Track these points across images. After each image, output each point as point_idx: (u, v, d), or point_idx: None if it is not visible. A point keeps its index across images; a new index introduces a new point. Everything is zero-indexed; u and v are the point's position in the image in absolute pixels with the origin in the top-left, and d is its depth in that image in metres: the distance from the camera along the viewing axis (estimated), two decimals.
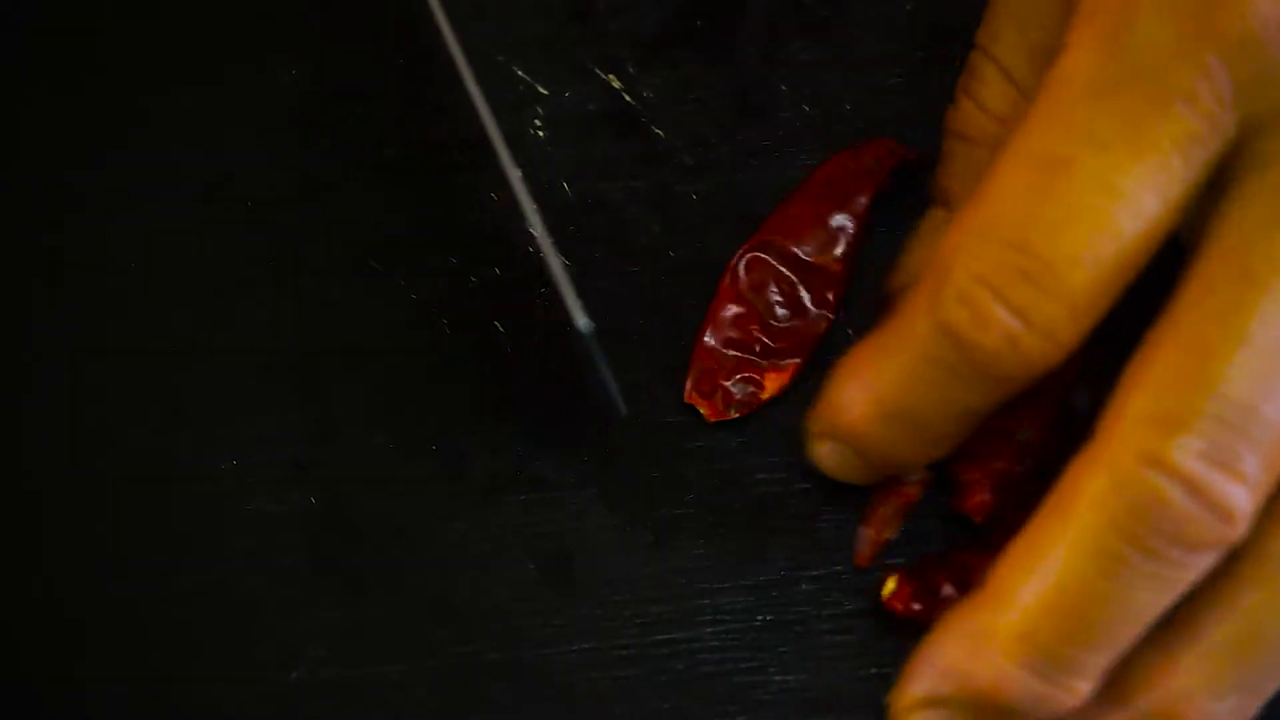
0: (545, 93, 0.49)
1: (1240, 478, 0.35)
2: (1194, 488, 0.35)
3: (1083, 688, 0.37)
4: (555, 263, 0.39)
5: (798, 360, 0.45)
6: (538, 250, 0.47)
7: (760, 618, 0.44)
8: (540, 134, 0.49)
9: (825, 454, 0.43)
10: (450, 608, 0.44)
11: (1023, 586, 0.37)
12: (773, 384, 0.45)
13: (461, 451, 0.46)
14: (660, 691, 0.43)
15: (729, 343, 0.46)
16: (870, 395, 0.40)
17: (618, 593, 0.44)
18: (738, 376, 0.46)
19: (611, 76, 0.49)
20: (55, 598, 0.45)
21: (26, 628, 0.44)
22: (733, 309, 0.46)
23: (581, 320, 0.38)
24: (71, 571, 0.45)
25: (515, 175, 0.39)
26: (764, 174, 0.48)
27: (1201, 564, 0.36)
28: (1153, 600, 0.37)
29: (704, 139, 0.48)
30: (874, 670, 0.43)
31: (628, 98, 0.49)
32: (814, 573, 0.44)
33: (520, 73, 0.50)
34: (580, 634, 0.44)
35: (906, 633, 0.44)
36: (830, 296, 0.46)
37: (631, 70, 0.49)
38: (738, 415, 0.45)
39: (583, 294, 0.47)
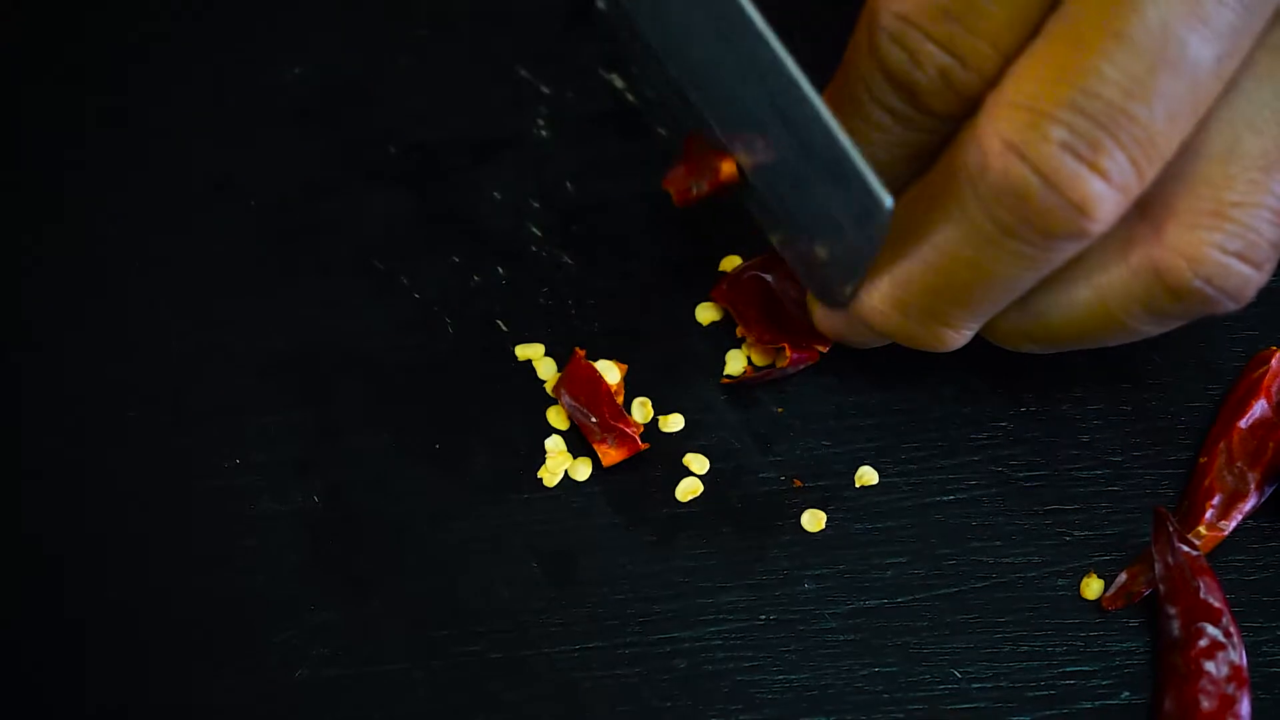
0: (548, 92, 0.50)
1: (1101, 172, 0.36)
2: (1051, 179, 0.36)
3: (950, 335, 0.42)
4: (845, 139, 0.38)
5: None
6: (541, 248, 0.48)
7: (763, 617, 0.44)
8: (543, 133, 0.49)
9: None
10: (453, 606, 0.44)
11: (903, 245, 0.40)
12: (728, 168, 0.45)
13: (465, 450, 0.46)
14: (663, 690, 0.43)
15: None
16: None
17: (620, 591, 0.44)
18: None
19: (614, 76, 0.49)
20: (57, 597, 0.45)
21: (29, 628, 0.44)
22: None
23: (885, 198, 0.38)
24: (74, 571, 0.45)
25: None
26: None
27: (1066, 249, 0.38)
28: (1017, 274, 0.39)
29: None
30: (876, 669, 0.44)
31: (630, 97, 0.49)
32: (816, 572, 0.45)
33: (523, 72, 0.50)
34: (583, 633, 0.44)
35: (908, 632, 0.44)
36: None
37: (634, 70, 0.49)
38: (696, 195, 0.44)
39: (584, 292, 0.48)
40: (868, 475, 0.45)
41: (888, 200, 0.38)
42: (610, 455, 0.45)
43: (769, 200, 0.43)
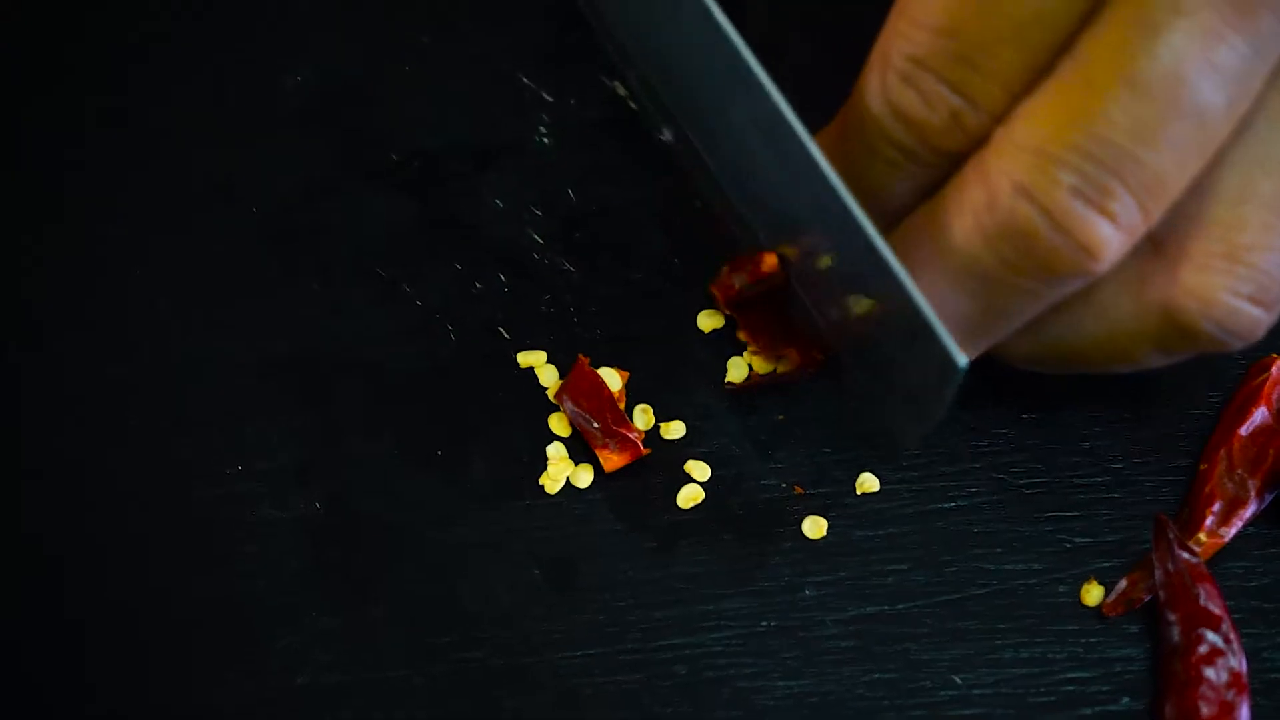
0: (550, 99, 0.49)
1: (1110, 215, 0.36)
2: (1059, 222, 0.36)
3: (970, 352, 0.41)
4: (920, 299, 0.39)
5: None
6: (542, 255, 0.48)
7: (764, 623, 0.44)
8: (545, 140, 0.49)
9: None
10: (454, 613, 0.44)
11: (908, 267, 0.39)
12: (769, 262, 0.45)
13: (466, 457, 0.46)
14: (663, 697, 0.43)
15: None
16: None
17: (621, 598, 0.44)
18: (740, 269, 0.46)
19: (616, 83, 0.49)
20: (57, 597, 0.45)
21: (30, 631, 0.44)
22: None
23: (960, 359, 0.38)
24: (74, 571, 0.45)
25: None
26: None
27: (1070, 286, 0.38)
28: (1019, 305, 0.39)
29: None
30: (877, 676, 0.44)
31: (632, 104, 0.49)
32: (818, 579, 0.45)
33: (525, 79, 0.50)
34: (584, 639, 0.44)
35: (909, 639, 0.44)
36: None
37: (636, 76, 0.49)
38: (739, 289, 0.45)
39: (586, 299, 0.48)
40: (869, 482, 0.45)
41: (962, 360, 0.38)
42: (612, 460, 0.45)
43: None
